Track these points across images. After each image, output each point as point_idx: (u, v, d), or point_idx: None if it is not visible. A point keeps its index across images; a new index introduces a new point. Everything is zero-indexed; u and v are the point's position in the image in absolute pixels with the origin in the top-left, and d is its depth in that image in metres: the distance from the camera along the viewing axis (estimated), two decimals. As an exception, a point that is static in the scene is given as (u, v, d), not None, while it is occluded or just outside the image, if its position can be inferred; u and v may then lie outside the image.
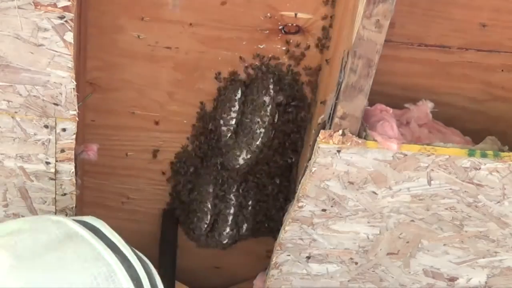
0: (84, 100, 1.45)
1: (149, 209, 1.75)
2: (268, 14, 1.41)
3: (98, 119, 1.56)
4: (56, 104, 1.29)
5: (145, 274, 1.15)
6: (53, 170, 1.40)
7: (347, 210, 1.46)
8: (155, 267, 1.21)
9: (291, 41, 1.45)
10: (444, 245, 1.54)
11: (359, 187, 1.41)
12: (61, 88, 1.26)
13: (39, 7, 1.15)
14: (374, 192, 1.42)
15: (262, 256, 1.80)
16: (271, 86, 1.47)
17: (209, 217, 1.64)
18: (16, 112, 1.30)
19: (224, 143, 1.55)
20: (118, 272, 1.10)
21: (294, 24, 1.43)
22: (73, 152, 1.37)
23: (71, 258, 1.10)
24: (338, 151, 1.33)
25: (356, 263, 1.59)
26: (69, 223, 1.17)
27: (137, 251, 1.20)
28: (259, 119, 1.48)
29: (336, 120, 1.31)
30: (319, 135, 1.32)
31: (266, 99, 1.48)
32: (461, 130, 1.50)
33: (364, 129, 1.33)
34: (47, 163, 1.38)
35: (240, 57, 1.47)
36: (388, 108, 1.39)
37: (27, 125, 1.32)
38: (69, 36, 1.19)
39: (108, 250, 1.12)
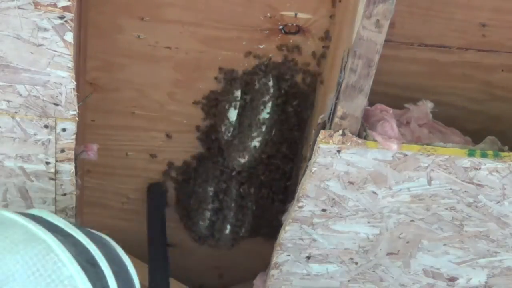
0: (84, 100, 1.45)
1: (149, 209, 1.75)
2: (268, 14, 1.41)
3: (98, 119, 1.56)
4: (56, 104, 1.29)
5: (96, 248, 1.12)
6: (53, 170, 1.40)
7: (347, 210, 1.46)
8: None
9: (291, 41, 1.45)
10: (444, 245, 1.54)
11: (359, 187, 1.41)
12: (61, 88, 1.26)
13: (39, 7, 1.15)
14: (374, 192, 1.42)
15: (262, 256, 1.80)
16: (271, 86, 1.47)
17: (209, 217, 1.64)
18: (16, 112, 1.30)
19: (224, 143, 1.55)
20: (56, 249, 1.07)
21: (294, 24, 1.43)
22: (73, 152, 1.37)
23: (2, 243, 1.08)
24: (338, 151, 1.33)
25: (356, 263, 1.59)
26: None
27: (96, 232, 1.18)
28: (259, 119, 1.48)
29: (336, 120, 1.31)
30: (319, 135, 1.32)
31: (266, 99, 1.48)
32: (461, 130, 1.50)
33: (364, 129, 1.33)
34: (47, 163, 1.38)
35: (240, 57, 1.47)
36: (388, 108, 1.39)
37: (27, 125, 1.32)
38: (69, 36, 1.19)
39: (44, 230, 1.10)
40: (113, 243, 1.16)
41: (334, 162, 1.35)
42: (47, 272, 1.02)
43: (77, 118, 1.32)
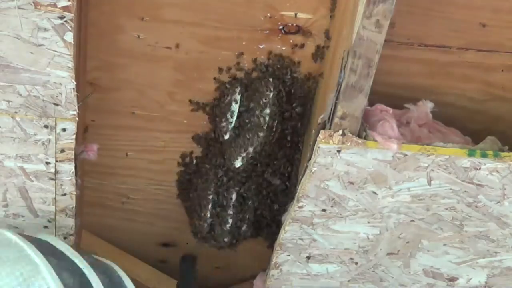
0: (84, 100, 1.45)
1: (149, 209, 1.75)
2: (268, 14, 1.41)
3: (98, 119, 1.56)
4: (56, 104, 1.29)
5: (98, 280, 1.16)
6: (53, 170, 1.40)
7: (347, 210, 1.46)
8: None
9: (291, 41, 1.45)
10: (444, 245, 1.54)
11: (359, 187, 1.41)
12: (61, 88, 1.26)
13: (39, 7, 1.15)
14: (374, 192, 1.42)
15: (262, 256, 1.80)
16: (271, 86, 1.47)
17: (209, 216, 1.64)
18: (16, 112, 1.30)
19: (224, 143, 1.55)
20: (45, 271, 1.11)
21: (294, 24, 1.43)
22: (73, 152, 1.37)
23: None
24: (338, 151, 1.33)
25: (356, 263, 1.59)
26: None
27: (103, 260, 1.22)
28: (259, 119, 1.48)
29: (336, 120, 1.31)
30: (319, 135, 1.32)
31: (266, 99, 1.48)
32: (461, 130, 1.50)
33: (364, 129, 1.33)
34: (47, 163, 1.38)
35: (242, 54, 1.47)
36: (388, 108, 1.39)
37: (27, 125, 1.32)
38: (69, 36, 1.19)
39: (38, 252, 1.15)
40: (120, 272, 1.20)
41: (334, 162, 1.35)
42: None
43: (77, 118, 1.32)
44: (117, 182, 1.69)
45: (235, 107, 1.50)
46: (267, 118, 1.49)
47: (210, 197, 1.62)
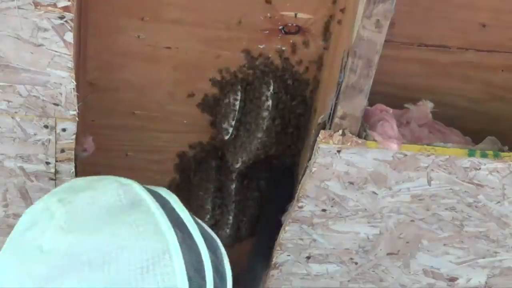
0: (84, 100, 1.45)
1: (149, 209, 1.74)
2: (268, 14, 1.42)
3: (98, 119, 1.56)
4: (56, 104, 1.29)
5: (208, 256, 1.05)
6: (53, 170, 1.40)
7: (347, 210, 1.46)
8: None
9: (291, 41, 1.45)
10: (444, 245, 1.54)
11: (359, 187, 1.41)
12: (61, 88, 1.26)
13: (39, 7, 1.15)
14: (374, 192, 1.42)
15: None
16: (270, 86, 1.47)
17: (208, 216, 1.64)
18: (16, 112, 1.30)
19: (224, 143, 1.55)
20: (174, 254, 0.99)
21: (294, 24, 1.43)
22: (73, 152, 1.37)
23: (127, 227, 1.00)
24: (338, 151, 1.33)
25: (356, 263, 1.59)
26: (137, 190, 1.08)
27: (207, 229, 1.09)
28: (259, 119, 1.48)
29: (336, 120, 1.31)
30: (319, 135, 1.32)
31: (266, 99, 1.48)
32: (461, 130, 1.50)
33: (364, 129, 1.33)
34: (47, 163, 1.38)
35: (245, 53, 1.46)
36: (388, 108, 1.39)
37: (27, 125, 1.32)
38: (69, 36, 1.19)
39: (170, 227, 1.02)
40: (219, 242, 1.12)
41: (334, 162, 1.35)
42: (155, 271, 0.99)
43: (77, 118, 1.32)
44: (117, 182, 1.69)
45: (235, 107, 1.50)
46: (267, 118, 1.49)
47: (210, 197, 1.62)
